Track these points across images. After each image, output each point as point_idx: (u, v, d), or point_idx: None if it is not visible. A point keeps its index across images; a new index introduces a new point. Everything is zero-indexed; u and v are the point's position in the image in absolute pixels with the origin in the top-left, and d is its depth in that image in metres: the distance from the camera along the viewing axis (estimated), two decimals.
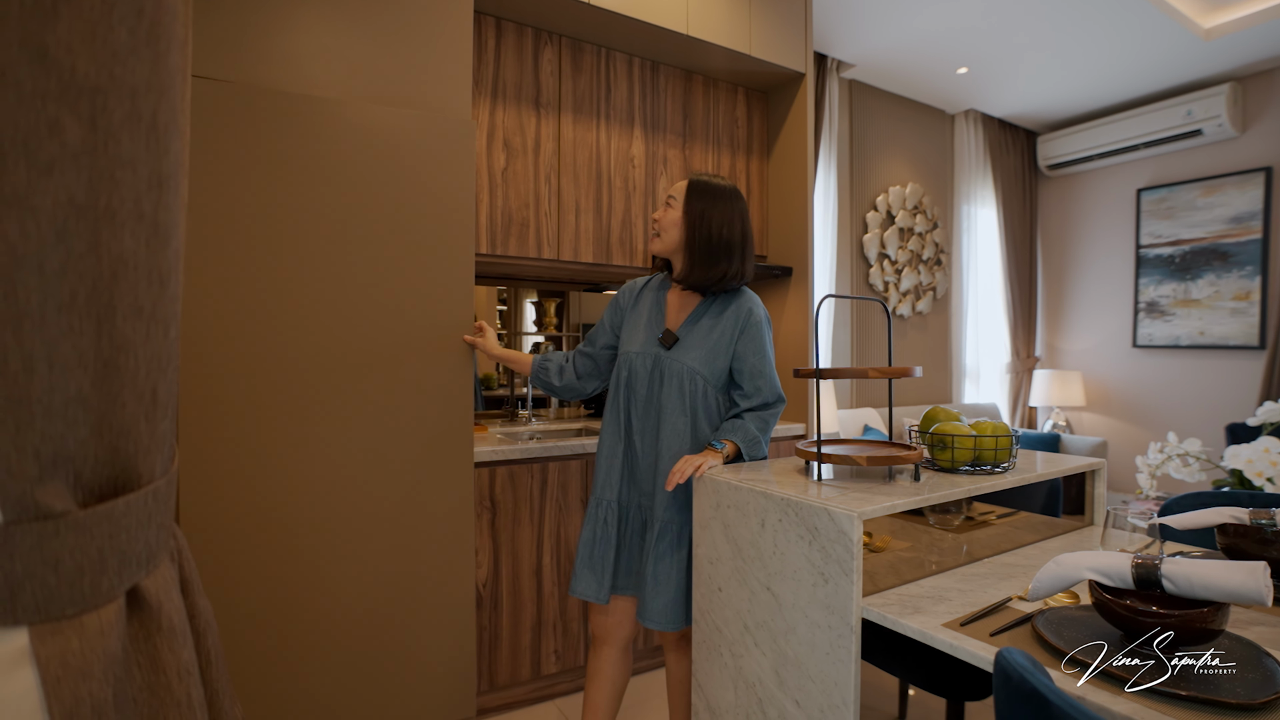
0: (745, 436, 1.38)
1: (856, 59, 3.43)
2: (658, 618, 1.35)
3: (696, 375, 1.41)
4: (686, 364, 1.41)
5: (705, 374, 1.42)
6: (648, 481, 1.43)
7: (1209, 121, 3.73)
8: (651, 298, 1.53)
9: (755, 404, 1.43)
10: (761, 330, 1.44)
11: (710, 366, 1.42)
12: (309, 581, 1.46)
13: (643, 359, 1.45)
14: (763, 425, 1.42)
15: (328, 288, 1.48)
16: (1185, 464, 2.41)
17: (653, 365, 1.44)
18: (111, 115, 0.38)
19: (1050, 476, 1.30)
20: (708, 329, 1.44)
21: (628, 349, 1.49)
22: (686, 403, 1.40)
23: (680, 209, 1.44)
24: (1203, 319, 3.97)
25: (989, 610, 0.93)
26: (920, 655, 1.27)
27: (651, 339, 1.47)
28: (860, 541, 0.95)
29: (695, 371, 1.41)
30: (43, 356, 0.38)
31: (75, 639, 0.41)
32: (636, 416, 1.45)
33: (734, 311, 1.45)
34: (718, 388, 1.44)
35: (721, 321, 1.44)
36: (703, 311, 1.46)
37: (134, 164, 0.39)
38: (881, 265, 3.79)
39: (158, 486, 0.45)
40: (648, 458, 1.44)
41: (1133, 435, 4.25)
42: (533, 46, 2.14)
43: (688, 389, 1.41)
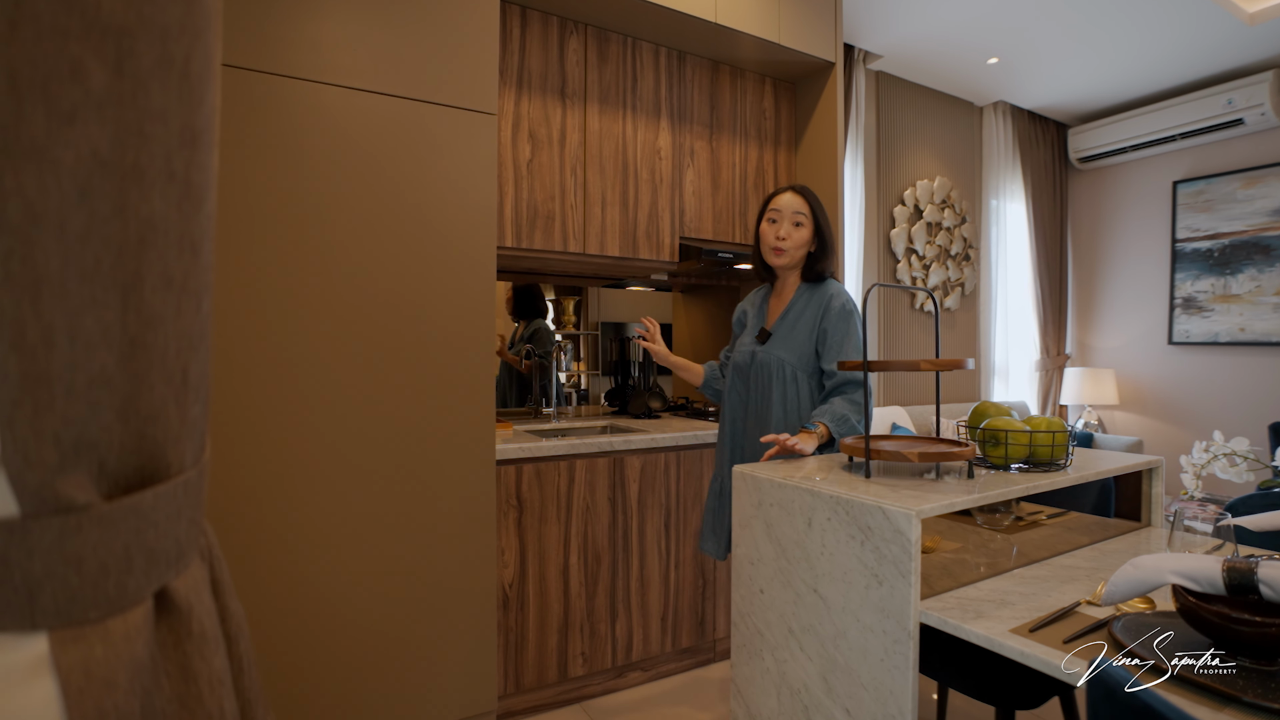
0: (833, 416, 1.45)
1: (884, 49, 3.35)
2: None
3: (785, 363, 1.57)
4: (775, 354, 1.58)
5: (794, 361, 1.57)
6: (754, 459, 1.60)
7: (1251, 110, 3.60)
8: (756, 309, 1.73)
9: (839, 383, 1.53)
10: (844, 314, 1.56)
11: (797, 353, 1.57)
12: (326, 577, 1.43)
13: (744, 355, 1.64)
14: (851, 405, 1.48)
15: (346, 280, 1.45)
16: (1232, 464, 2.31)
17: (750, 360, 1.62)
18: (140, 60, 0.34)
19: (1110, 474, 1.23)
20: (794, 320, 1.60)
21: (738, 349, 1.70)
22: (783, 388, 1.56)
23: (810, 226, 1.60)
24: (1243, 315, 3.83)
25: (1058, 615, 0.87)
26: (965, 659, 1.21)
27: (752, 339, 1.66)
28: (919, 542, 0.89)
29: (784, 360, 1.57)
30: (64, 330, 0.34)
31: (99, 645, 0.37)
32: (741, 404, 1.64)
33: (817, 300, 1.60)
34: (808, 373, 1.57)
35: (807, 311, 1.59)
36: (791, 306, 1.63)
37: (165, 116, 0.35)
38: (909, 260, 3.71)
39: (189, 477, 0.41)
40: (754, 438, 1.60)
41: (1169, 435, 4.12)
42: (558, 36, 2.10)
43: (783, 375, 1.57)
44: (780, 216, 1.60)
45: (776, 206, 1.61)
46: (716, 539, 1.68)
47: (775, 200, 1.63)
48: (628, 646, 2.02)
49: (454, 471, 1.58)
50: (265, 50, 1.37)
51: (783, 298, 1.67)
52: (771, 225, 1.62)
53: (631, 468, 2.02)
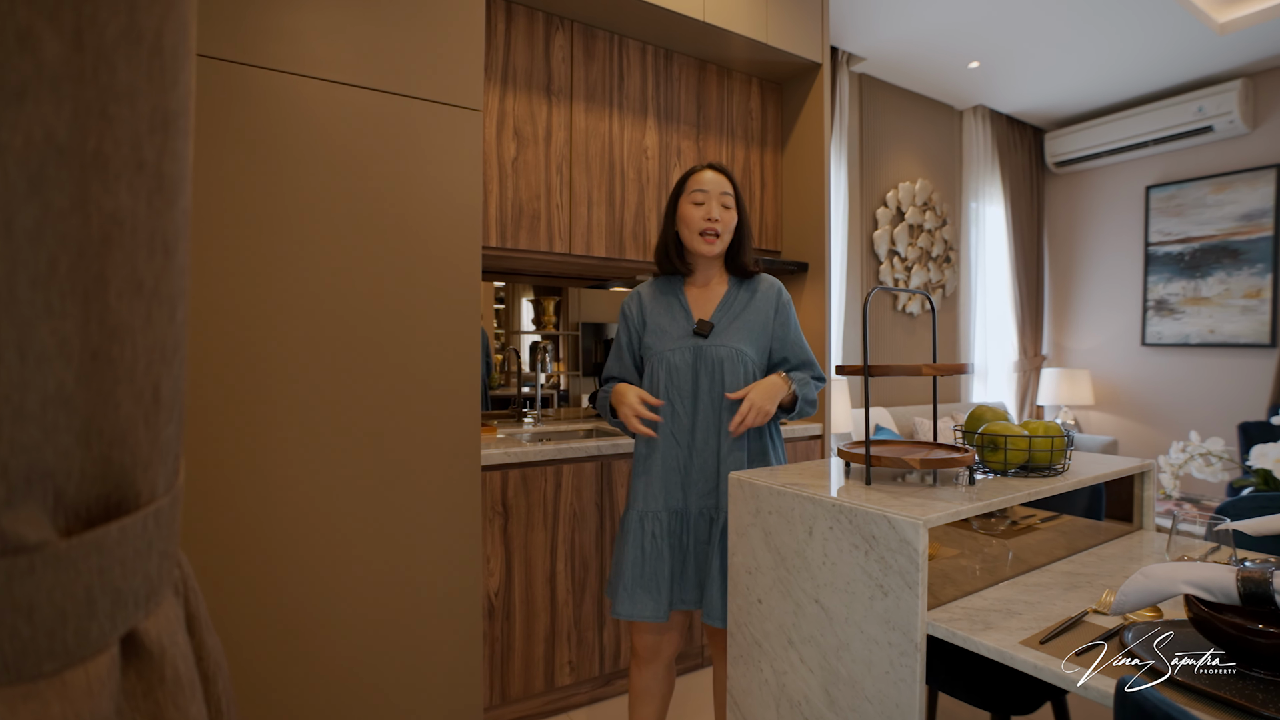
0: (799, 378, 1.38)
1: (867, 51, 3.36)
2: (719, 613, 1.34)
3: (744, 355, 1.39)
4: (731, 345, 1.38)
5: (751, 353, 1.40)
6: (709, 480, 1.38)
7: (1220, 118, 3.68)
8: (665, 301, 1.46)
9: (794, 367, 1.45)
10: (792, 309, 1.47)
11: (755, 345, 1.41)
12: (306, 587, 1.37)
13: (680, 353, 1.39)
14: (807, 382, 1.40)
15: (326, 280, 1.39)
16: (1208, 463, 2.35)
17: (694, 357, 1.39)
18: (103, 30, 0.29)
19: (1105, 479, 1.23)
20: (742, 309, 1.43)
21: (659, 349, 1.41)
22: (745, 383, 1.37)
23: (735, 211, 1.42)
24: (1213, 317, 3.92)
25: (1067, 625, 0.86)
26: (958, 664, 1.19)
27: (684, 334, 1.41)
28: (925, 552, 0.87)
29: (742, 351, 1.38)
30: (12, 343, 0.29)
31: (56, 702, 0.32)
32: (685, 414, 1.38)
33: (764, 292, 1.45)
34: (763, 369, 1.43)
35: (755, 301, 1.44)
36: (733, 298, 1.44)
37: (132, 97, 0.31)
38: (891, 262, 3.72)
39: (160, 506, 0.37)
40: (707, 453, 1.37)
41: (1142, 434, 4.20)
42: (544, 32, 2.05)
43: (740, 371, 1.38)
44: (707, 197, 1.38)
45: (701, 185, 1.39)
46: (654, 596, 1.34)
47: (697, 178, 1.40)
48: (615, 654, 1.99)
49: (438, 478, 1.53)
50: (241, 40, 1.31)
51: (711, 291, 1.46)
52: (698, 207, 1.39)
53: (619, 473, 1.98)
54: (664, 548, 1.36)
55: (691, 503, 1.39)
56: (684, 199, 1.42)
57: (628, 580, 1.36)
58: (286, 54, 1.35)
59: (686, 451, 1.39)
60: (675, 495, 1.38)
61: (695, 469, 1.38)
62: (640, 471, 1.41)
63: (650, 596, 1.35)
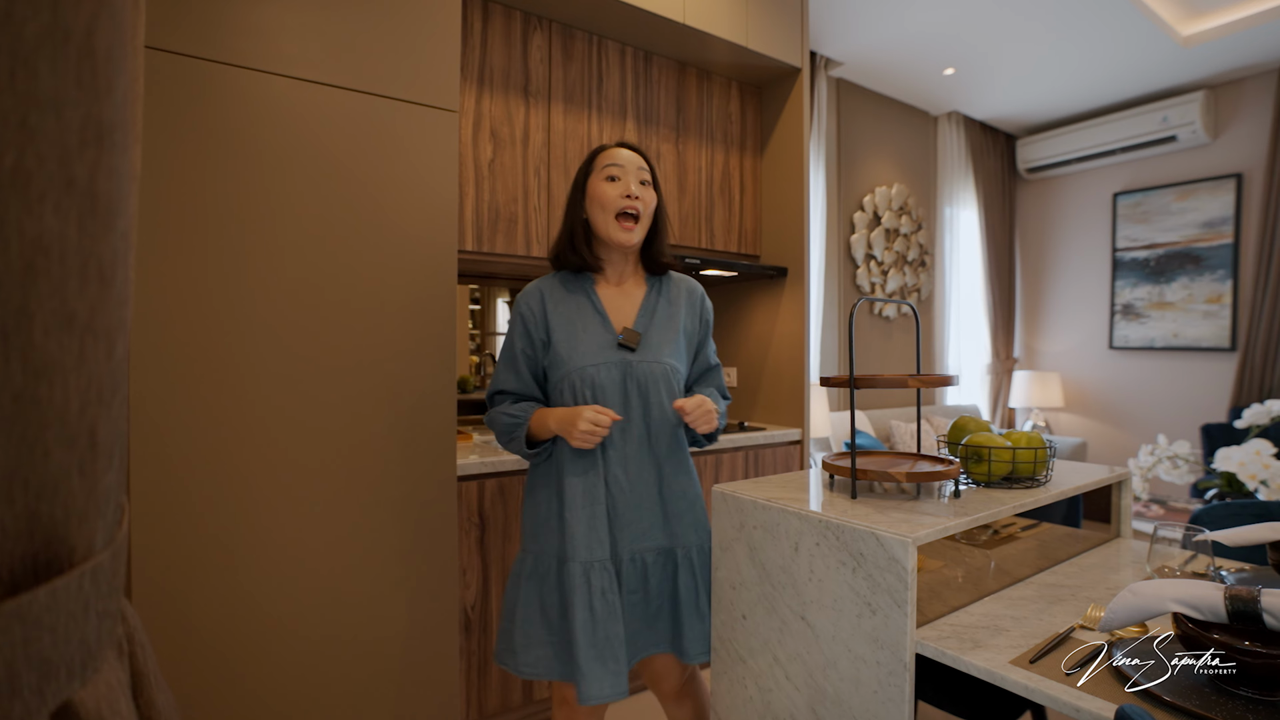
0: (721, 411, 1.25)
1: (845, 57, 3.37)
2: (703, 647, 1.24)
3: (677, 372, 1.22)
4: (664, 361, 1.20)
5: (683, 370, 1.25)
6: (647, 518, 1.20)
7: (1183, 128, 3.78)
8: (574, 302, 1.22)
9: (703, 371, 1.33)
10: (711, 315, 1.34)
11: (683, 360, 1.26)
12: (274, 602, 1.31)
13: (606, 370, 1.17)
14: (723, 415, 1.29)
15: (297, 285, 1.34)
16: (1175, 466, 2.41)
17: (622, 375, 1.18)
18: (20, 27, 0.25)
19: (1086, 489, 1.23)
20: (666, 317, 1.25)
21: (579, 363, 1.18)
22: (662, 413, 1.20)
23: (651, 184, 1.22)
24: (1176, 321, 4.03)
25: (1054, 643, 0.85)
26: (937, 674, 1.19)
27: (606, 345, 1.19)
28: (915, 570, 0.85)
29: (675, 368, 1.22)
30: None
31: None
32: (615, 444, 1.18)
33: (685, 293, 1.30)
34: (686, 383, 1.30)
35: (675, 306, 1.27)
36: (654, 300, 1.26)
37: (58, 106, 0.27)
38: (868, 266, 3.75)
39: (99, 563, 0.33)
40: (643, 488, 1.19)
41: (1110, 436, 4.30)
42: (521, 31, 2.01)
43: (674, 392, 1.21)
44: (623, 172, 1.18)
45: (617, 160, 1.19)
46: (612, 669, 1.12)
47: (609, 154, 1.21)
48: None
49: (413, 488, 1.48)
50: (212, 37, 1.25)
51: (627, 291, 1.26)
52: (612, 183, 1.18)
53: None
54: (615, 602, 1.15)
55: (623, 547, 1.18)
56: (594, 177, 1.21)
57: (580, 655, 1.12)
58: (258, 51, 1.29)
59: (614, 486, 1.18)
60: (610, 541, 1.18)
61: (627, 507, 1.18)
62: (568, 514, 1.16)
63: (609, 670, 1.12)
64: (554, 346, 1.21)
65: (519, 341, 1.24)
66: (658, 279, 1.30)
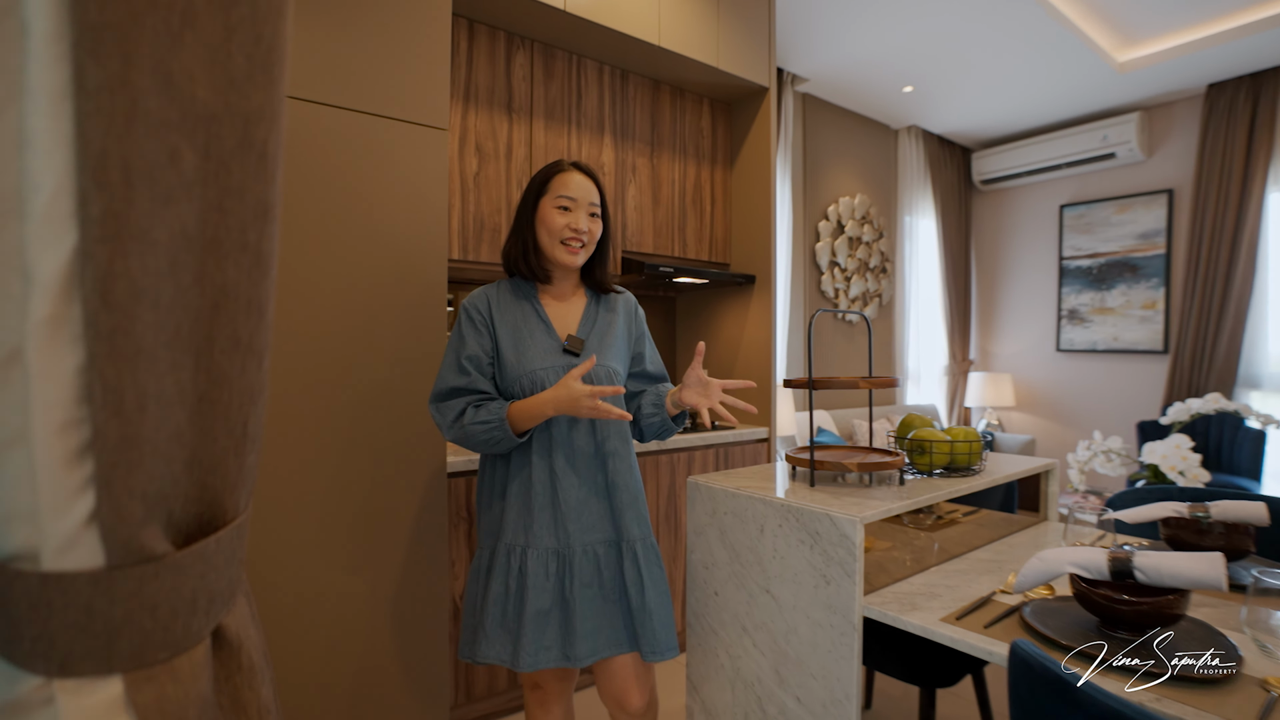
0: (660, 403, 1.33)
1: (810, 73, 3.55)
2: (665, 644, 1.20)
3: (618, 374, 1.31)
4: (606, 365, 1.29)
5: (623, 373, 1.35)
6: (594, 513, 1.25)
7: (1121, 146, 4.06)
8: (520, 310, 1.31)
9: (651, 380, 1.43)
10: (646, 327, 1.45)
11: (623, 364, 1.35)
12: (270, 592, 1.40)
13: (554, 374, 1.24)
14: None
15: (296, 291, 1.43)
16: (1109, 459, 2.63)
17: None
18: (224, 143, 0.37)
19: (1015, 477, 1.40)
20: (607, 325, 1.34)
21: (528, 367, 1.24)
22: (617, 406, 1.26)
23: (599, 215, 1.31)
24: (1116, 325, 4.31)
25: (978, 604, 1.00)
26: (891, 645, 1.34)
27: (551, 350, 1.27)
28: (862, 545, 1.00)
29: (616, 371, 1.31)
30: (153, 394, 0.36)
31: (170, 684, 0.39)
32: (562, 443, 1.24)
33: (622, 306, 1.40)
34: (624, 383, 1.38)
35: (615, 317, 1.37)
36: (594, 312, 1.36)
37: (242, 193, 0.39)
38: (832, 273, 3.94)
39: (241, 522, 0.44)
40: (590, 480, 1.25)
41: (1057, 433, 4.57)
42: (505, 51, 2.12)
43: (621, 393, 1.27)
44: (575, 205, 1.26)
45: (570, 193, 1.26)
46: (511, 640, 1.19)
47: (564, 180, 1.27)
48: None
49: (405, 484, 1.58)
50: None
51: (569, 303, 1.36)
52: (563, 213, 1.26)
53: None
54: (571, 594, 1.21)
55: (575, 540, 1.23)
56: (546, 200, 1.27)
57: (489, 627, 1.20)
58: None
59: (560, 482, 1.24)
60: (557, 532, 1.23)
61: (577, 500, 1.24)
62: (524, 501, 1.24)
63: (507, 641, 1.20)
64: (501, 353, 1.28)
65: (471, 341, 1.28)
66: (596, 296, 1.39)
